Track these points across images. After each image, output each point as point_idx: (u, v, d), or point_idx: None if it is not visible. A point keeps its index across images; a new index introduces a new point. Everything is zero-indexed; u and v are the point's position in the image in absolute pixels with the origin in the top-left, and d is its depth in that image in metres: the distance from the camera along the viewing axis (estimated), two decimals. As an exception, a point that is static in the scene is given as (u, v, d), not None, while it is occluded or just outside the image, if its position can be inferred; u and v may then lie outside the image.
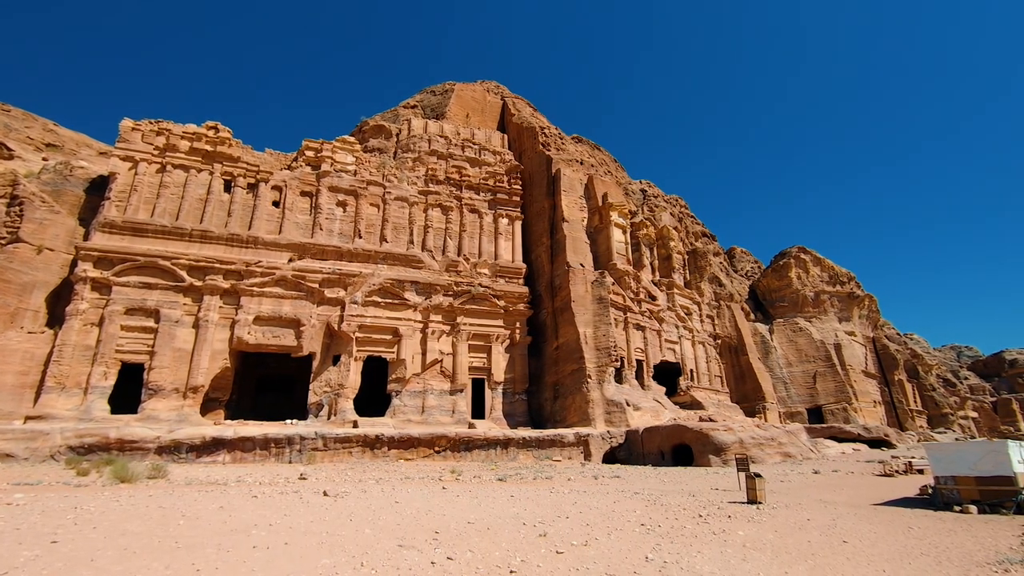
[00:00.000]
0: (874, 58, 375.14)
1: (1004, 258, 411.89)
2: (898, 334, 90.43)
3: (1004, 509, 13.67)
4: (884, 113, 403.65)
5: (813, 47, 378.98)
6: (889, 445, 48.26)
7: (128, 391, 34.18)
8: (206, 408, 35.59)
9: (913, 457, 32.33)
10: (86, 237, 36.06)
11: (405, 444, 31.80)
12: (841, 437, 47.85)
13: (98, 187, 38.78)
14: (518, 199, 50.89)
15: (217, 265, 37.14)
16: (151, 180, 38.43)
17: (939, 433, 64.62)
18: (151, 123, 40.06)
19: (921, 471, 24.65)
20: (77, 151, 44.84)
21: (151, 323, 34.77)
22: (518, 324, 45.07)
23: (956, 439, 60.70)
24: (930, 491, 16.09)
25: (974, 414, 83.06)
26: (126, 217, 36.41)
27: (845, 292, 70.23)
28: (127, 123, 39.13)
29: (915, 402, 72.07)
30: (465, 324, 43.02)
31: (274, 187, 41.95)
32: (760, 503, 15.47)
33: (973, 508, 14.02)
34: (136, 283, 34.98)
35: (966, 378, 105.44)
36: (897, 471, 25.06)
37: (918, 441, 55.37)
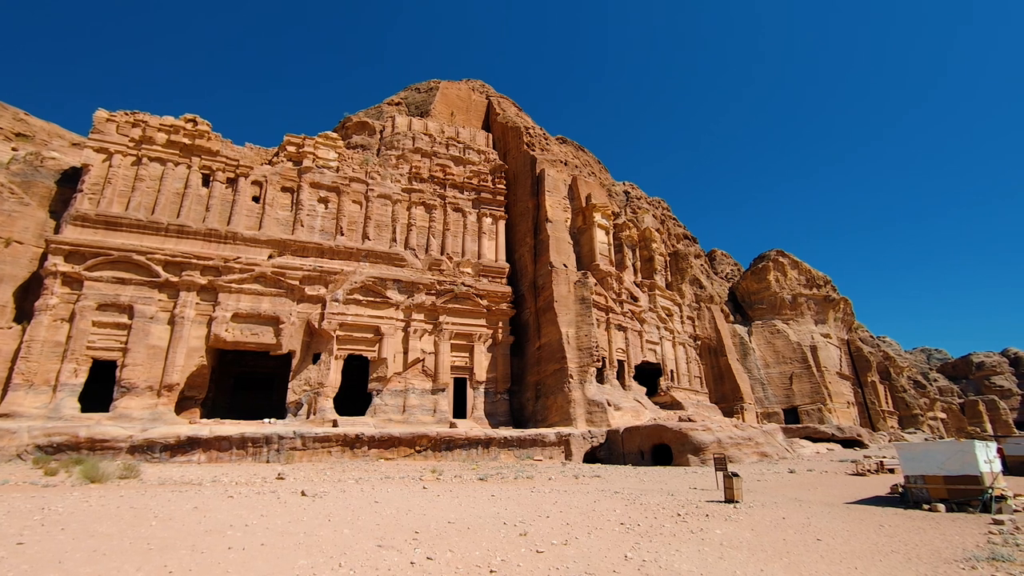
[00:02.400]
0: (830, 59, 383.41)
1: (976, 264, 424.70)
2: (871, 336, 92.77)
3: (971, 507, 14.07)
4: (867, 113, 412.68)
5: (782, 49, 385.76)
6: (862, 445, 49.40)
7: (100, 389, 33.30)
8: (181, 407, 34.83)
9: (884, 457, 33.10)
10: (57, 230, 35.03)
11: (385, 444, 31.55)
12: (816, 437, 48.84)
13: (70, 179, 37.70)
14: (502, 199, 50.87)
15: (194, 261, 36.38)
16: (126, 173, 37.50)
17: (909, 433, 66.41)
18: (126, 114, 39.08)
19: (892, 470, 25.25)
20: (48, 142, 43.50)
21: (124, 319, 33.90)
22: (501, 324, 45.05)
23: (925, 439, 62.41)
24: (900, 490, 16.48)
25: (943, 415, 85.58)
26: (99, 210, 35.46)
27: (821, 295, 71.69)
28: (101, 114, 38.12)
29: (887, 403, 73.94)
30: (448, 323, 42.85)
31: (254, 182, 41.26)
32: (737, 502, 15.69)
33: (941, 506, 14.40)
34: (109, 278, 34.07)
35: (935, 380, 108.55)
36: (869, 470, 25.62)
37: (889, 441, 56.83)
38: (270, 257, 39.23)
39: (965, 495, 14.37)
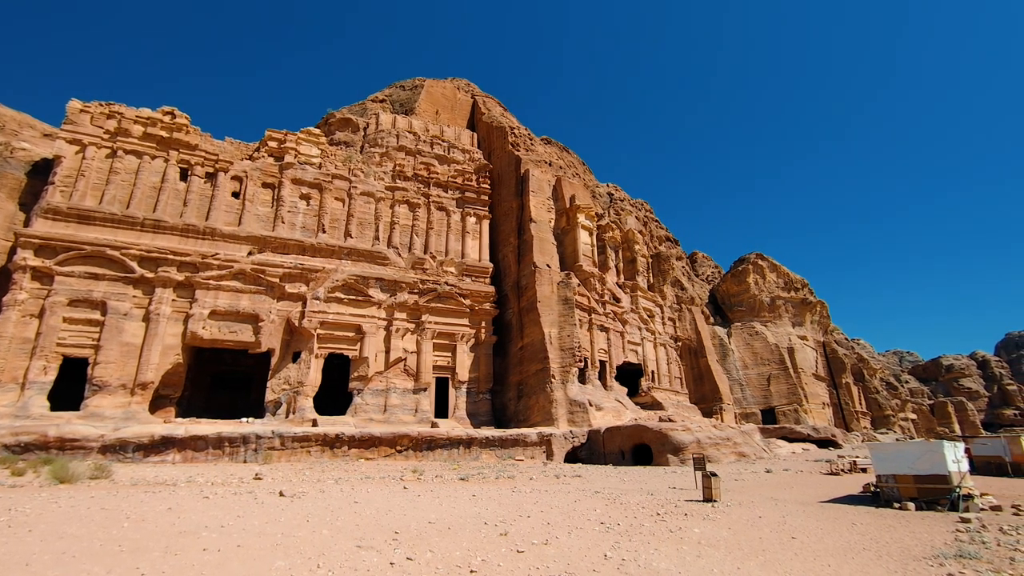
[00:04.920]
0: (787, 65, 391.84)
1: (949, 271, 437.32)
2: (846, 339, 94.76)
3: (939, 506, 14.47)
4: (853, 116, 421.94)
5: (757, 52, 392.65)
6: (836, 445, 50.48)
7: (70, 387, 32.40)
8: (156, 405, 34.08)
9: (858, 457, 33.83)
10: (27, 223, 33.99)
11: (366, 443, 31.27)
12: (792, 437, 49.77)
13: (41, 171, 36.62)
14: (486, 198, 50.80)
15: (171, 256, 35.61)
16: (100, 165, 36.54)
17: (881, 434, 68.04)
18: (101, 105, 38.10)
19: (865, 470, 25.81)
20: (19, 132, 42.11)
21: (97, 316, 33.03)
22: (484, 323, 44.98)
23: (897, 439, 64.00)
24: (873, 489, 16.85)
25: (913, 416, 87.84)
26: (71, 203, 34.49)
27: (799, 298, 73.05)
28: (75, 104, 37.10)
29: (860, 404, 75.64)
30: (430, 322, 42.64)
31: (234, 177, 40.55)
32: (715, 501, 15.91)
33: (911, 505, 14.77)
34: (81, 273, 33.17)
35: (907, 382, 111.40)
36: (843, 470, 26.19)
37: (862, 441, 58.15)
38: (250, 254, 38.59)
39: (934, 494, 14.77)
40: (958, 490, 14.47)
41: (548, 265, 45.45)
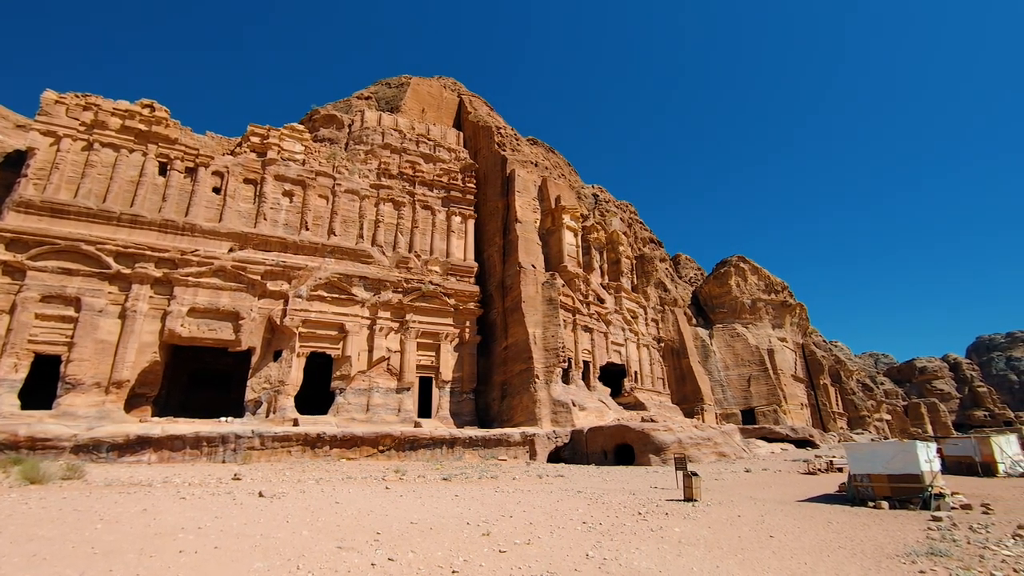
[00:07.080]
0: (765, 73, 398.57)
1: (924, 276, 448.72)
2: (824, 341, 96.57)
3: (912, 505, 14.82)
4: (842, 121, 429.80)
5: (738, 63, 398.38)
6: (813, 445, 51.39)
7: (42, 385, 31.57)
8: (131, 404, 33.34)
9: (834, 456, 34.49)
10: (-2, 216, 33.01)
11: (348, 443, 31.00)
12: (771, 437, 50.54)
13: (14, 163, 35.63)
14: (472, 198, 50.70)
15: (148, 252, 34.89)
16: (75, 158, 35.63)
17: (857, 434, 69.50)
18: (77, 96, 37.15)
19: (841, 469, 26.28)
20: (-10, 122, 40.92)
21: (71, 312, 32.19)
22: (468, 323, 44.89)
23: (872, 440, 65.41)
24: (848, 488, 17.22)
25: (888, 416, 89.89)
26: (45, 196, 33.58)
27: (779, 300, 74.26)
28: (50, 95, 36.12)
29: (837, 405, 77.21)
30: (414, 322, 42.42)
31: (215, 172, 39.86)
32: (696, 501, 16.09)
33: (885, 504, 15.12)
34: (55, 268, 32.32)
35: (882, 383, 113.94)
36: (820, 469, 26.66)
37: (839, 441, 59.31)
38: (230, 250, 37.97)
39: (907, 493, 15.13)
40: (930, 489, 14.83)
41: (533, 265, 45.53)
